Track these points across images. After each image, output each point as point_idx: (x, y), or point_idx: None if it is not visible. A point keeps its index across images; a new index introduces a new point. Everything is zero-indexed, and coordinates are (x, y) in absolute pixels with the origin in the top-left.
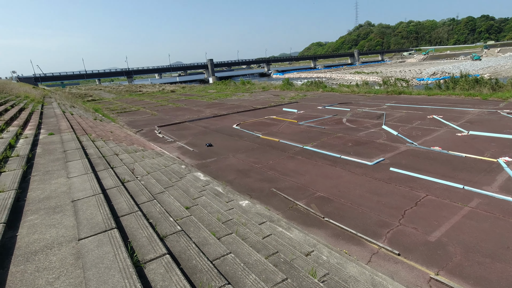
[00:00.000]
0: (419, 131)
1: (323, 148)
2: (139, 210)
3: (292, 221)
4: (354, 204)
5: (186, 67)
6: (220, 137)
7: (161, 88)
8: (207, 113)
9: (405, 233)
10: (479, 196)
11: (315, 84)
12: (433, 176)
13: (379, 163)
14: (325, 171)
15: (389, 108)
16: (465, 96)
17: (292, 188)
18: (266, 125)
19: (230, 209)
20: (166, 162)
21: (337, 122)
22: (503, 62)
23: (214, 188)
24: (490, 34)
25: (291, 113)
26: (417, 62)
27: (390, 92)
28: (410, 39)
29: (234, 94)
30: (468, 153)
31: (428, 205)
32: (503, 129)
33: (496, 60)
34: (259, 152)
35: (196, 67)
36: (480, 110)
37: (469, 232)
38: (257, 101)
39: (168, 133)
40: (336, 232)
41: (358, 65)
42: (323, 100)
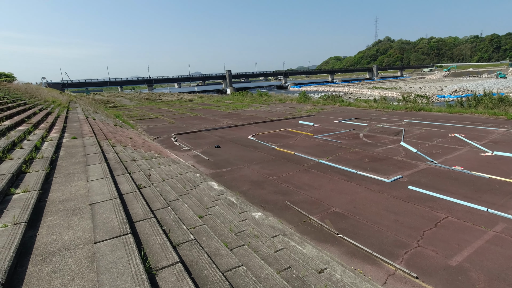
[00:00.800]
0: (439, 149)
1: (339, 162)
2: (153, 216)
3: (305, 236)
4: (370, 222)
5: (204, 77)
6: (236, 147)
7: (180, 97)
8: (224, 123)
9: (423, 255)
10: (504, 220)
11: (332, 98)
12: (454, 197)
13: (396, 180)
14: (340, 186)
15: (408, 124)
16: (489, 115)
17: (306, 202)
18: (281, 137)
19: (243, 220)
20: (181, 170)
21: (353, 137)
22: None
23: (228, 198)
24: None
25: (307, 126)
26: (438, 78)
27: (409, 108)
28: (431, 55)
29: (251, 105)
30: (493, 174)
31: (449, 227)
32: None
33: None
34: (273, 164)
35: (214, 78)
36: (505, 130)
37: (494, 258)
38: (273, 113)
39: (184, 141)
40: (351, 249)
41: (376, 80)
42: (340, 114)
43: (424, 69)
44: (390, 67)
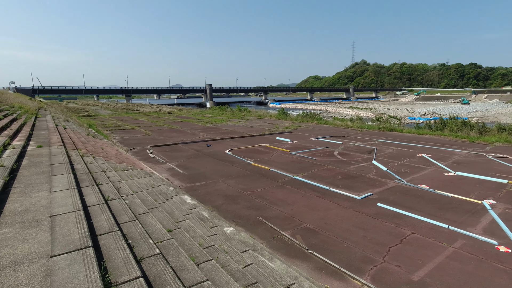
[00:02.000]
0: (407, 168)
1: (313, 179)
2: (119, 230)
3: (276, 251)
4: (340, 238)
5: (185, 90)
6: (212, 162)
7: (158, 109)
8: (201, 137)
9: (388, 271)
10: (463, 237)
11: (310, 116)
12: (419, 214)
13: (367, 197)
14: (313, 202)
15: (380, 144)
16: (453, 138)
17: (279, 218)
18: (258, 153)
19: (213, 235)
20: (154, 183)
21: (328, 154)
22: (490, 108)
23: (200, 213)
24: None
25: (284, 143)
26: (409, 101)
27: (382, 129)
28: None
29: (230, 120)
30: (454, 193)
31: (413, 243)
32: (488, 172)
33: (484, 106)
34: (249, 179)
35: (195, 91)
36: (467, 152)
37: (453, 273)
38: (252, 128)
39: (160, 154)
40: (320, 265)
41: (353, 100)
42: (317, 132)
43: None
44: (366, 89)
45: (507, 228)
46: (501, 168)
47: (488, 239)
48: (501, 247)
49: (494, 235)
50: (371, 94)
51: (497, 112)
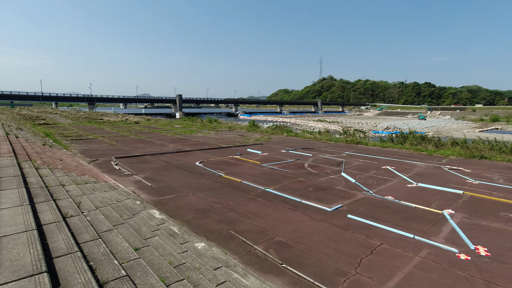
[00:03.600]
0: (374, 180)
1: (285, 191)
2: (79, 250)
3: (249, 267)
4: (313, 251)
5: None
6: (181, 174)
7: (125, 118)
8: (170, 148)
9: (360, 283)
10: (428, 246)
11: (280, 128)
12: (387, 225)
13: (337, 209)
14: (286, 215)
15: (348, 156)
16: (413, 151)
17: (252, 232)
18: (229, 165)
19: (184, 252)
20: (119, 197)
21: (299, 167)
22: (444, 124)
23: (169, 228)
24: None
25: (255, 155)
26: (372, 116)
27: (349, 141)
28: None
29: (200, 131)
30: (417, 203)
31: (382, 253)
32: (446, 183)
33: (438, 121)
34: (220, 191)
35: (164, 101)
36: (426, 164)
37: (420, 282)
38: (222, 139)
39: (125, 166)
40: (294, 280)
41: (321, 113)
42: (287, 144)
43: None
44: (333, 103)
45: (465, 236)
46: (457, 179)
47: (450, 248)
48: (461, 254)
49: (454, 244)
50: (338, 108)
51: (449, 127)
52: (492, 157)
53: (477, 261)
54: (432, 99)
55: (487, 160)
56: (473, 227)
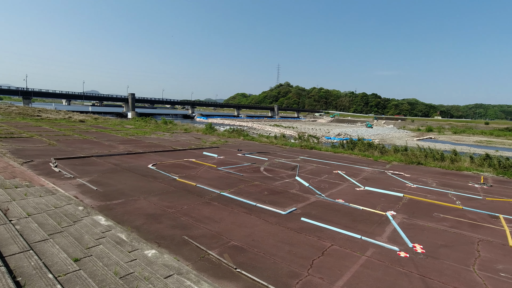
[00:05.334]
0: (326, 184)
1: (240, 195)
2: (3, 265)
3: (203, 273)
4: (267, 254)
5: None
6: (132, 177)
7: (68, 116)
8: (120, 149)
9: (312, 284)
10: (373, 245)
11: (237, 132)
12: (337, 227)
13: (291, 212)
14: (241, 219)
15: (302, 161)
16: (362, 156)
17: (206, 236)
18: (184, 168)
19: (132, 260)
20: (57, 202)
21: (255, 170)
22: (388, 132)
23: (116, 235)
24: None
25: (211, 158)
26: (326, 122)
27: (303, 146)
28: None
29: (154, 133)
30: (364, 206)
31: (333, 254)
32: (389, 187)
33: (383, 130)
34: (174, 195)
35: (114, 99)
36: (372, 169)
37: (366, 280)
38: (177, 142)
39: (67, 168)
40: (248, 284)
41: (277, 118)
42: (243, 148)
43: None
44: (289, 109)
45: (405, 235)
46: (398, 183)
47: (392, 246)
48: (401, 252)
49: (396, 242)
50: (294, 114)
51: (392, 135)
52: (427, 163)
53: (414, 258)
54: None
55: (423, 166)
56: (411, 227)
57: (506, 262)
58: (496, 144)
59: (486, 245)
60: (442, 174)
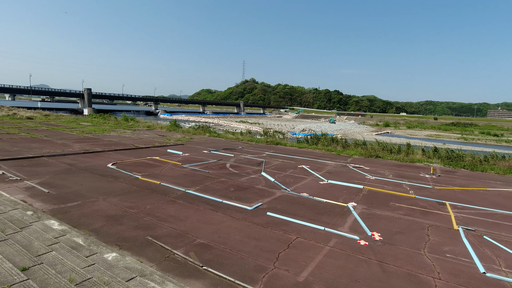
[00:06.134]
0: (291, 179)
1: (206, 192)
2: None
3: (168, 273)
4: (234, 250)
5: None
6: (90, 177)
7: (12, 113)
8: (76, 148)
9: (278, 276)
10: (335, 236)
11: (203, 128)
12: (302, 220)
13: (257, 207)
14: (207, 216)
15: (268, 156)
16: (325, 151)
17: (171, 236)
18: (147, 166)
19: (90, 265)
20: (0, 208)
21: (221, 167)
22: (349, 127)
23: (72, 240)
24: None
25: (176, 155)
26: (291, 118)
27: (269, 142)
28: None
29: (114, 130)
30: (328, 198)
31: (298, 246)
32: (350, 179)
33: (345, 125)
34: (136, 195)
35: (68, 95)
36: (335, 163)
37: (330, 269)
38: (140, 139)
39: (12, 170)
40: (215, 281)
41: (243, 115)
42: (209, 145)
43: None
44: (255, 105)
45: (365, 225)
46: (358, 176)
47: (353, 236)
48: (361, 241)
49: (356, 232)
50: (259, 110)
51: (353, 130)
52: (384, 156)
53: (373, 245)
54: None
55: (381, 159)
56: (371, 217)
57: (451, 244)
58: (444, 137)
59: (434, 230)
60: (398, 166)
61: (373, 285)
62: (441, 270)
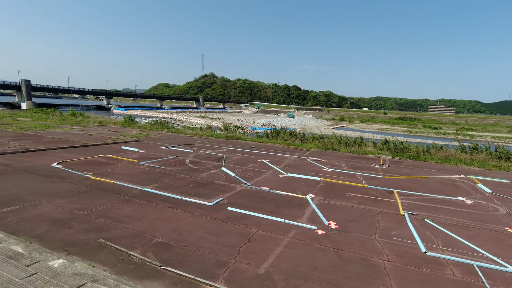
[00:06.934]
0: (252, 173)
1: (164, 189)
2: None
3: (124, 276)
4: (194, 247)
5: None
6: (30, 179)
7: None
8: (13, 147)
9: (240, 270)
10: (295, 227)
11: (160, 124)
12: (262, 213)
13: (218, 203)
14: (166, 214)
15: (228, 151)
16: (284, 145)
17: (127, 237)
18: (99, 165)
19: (31, 275)
20: None
21: (180, 163)
22: (308, 122)
23: (9, 248)
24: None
25: (132, 152)
26: (251, 113)
27: (229, 137)
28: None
29: (60, 126)
30: (287, 191)
31: (258, 239)
32: (309, 172)
33: (303, 120)
34: (86, 196)
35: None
36: (294, 157)
37: (289, 260)
38: (90, 136)
39: None
40: (175, 280)
41: (203, 110)
42: (168, 141)
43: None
44: (215, 100)
45: (322, 215)
46: (316, 168)
47: (311, 226)
48: (319, 230)
49: (314, 222)
50: (220, 105)
51: (311, 125)
52: (340, 149)
53: (329, 234)
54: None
55: (337, 151)
56: (327, 207)
57: (398, 228)
58: (392, 131)
59: (384, 216)
60: (352, 158)
61: (329, 271)
62: (390, 253)
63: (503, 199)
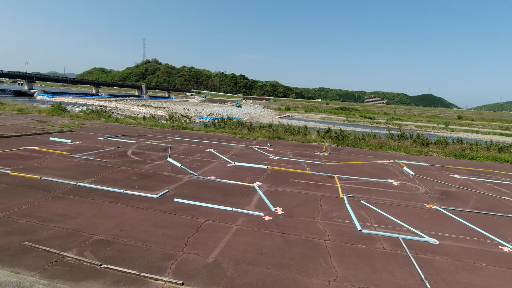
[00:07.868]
0: (199, 163)
1: (103, 184)
2: None
3: (56, 280)
4: (138, 242)
5: None
6: None
7: None
8: None
9: (188, 261)
10: (243, 215)
11: (97, 113)
12: (210, 203)
13: (164, 195)
14: (105, 209)
15: (174, 141)
16: (232, 134)
17: (59, 237)
18: (21, 158)
19: None
20: None
21: (121, 155)
22: (254, 111)
23: None
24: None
25: (62, 144)
26: (197, 102)
27: (175, 127)
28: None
29: None
30: (235, 180)
31: (207, 229)
32: (256, 160)
33: (250, 109)
34: (5, 195)
35: None
36: (241, 146)
37: (237, 247)
38: (8, 126)
39: None
40: (118, 278)
41: (146, 98)
42: (106, 131)
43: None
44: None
45: (269, 201)
46: (263, 157)
47: (258, 213)
48: (266, 216)
49: (261, 209)
50: (164, 93)
51: (258, 114)
52: (286, 137)
53: (276, 219)
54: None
55: (283, 140)
56: (274, 194)
57: (338, 210)
58: (333, 120)
59: (325, 200)
60: (297, 146)
61: (276, 254)
62: (330, 233)
63: (423, 179)
